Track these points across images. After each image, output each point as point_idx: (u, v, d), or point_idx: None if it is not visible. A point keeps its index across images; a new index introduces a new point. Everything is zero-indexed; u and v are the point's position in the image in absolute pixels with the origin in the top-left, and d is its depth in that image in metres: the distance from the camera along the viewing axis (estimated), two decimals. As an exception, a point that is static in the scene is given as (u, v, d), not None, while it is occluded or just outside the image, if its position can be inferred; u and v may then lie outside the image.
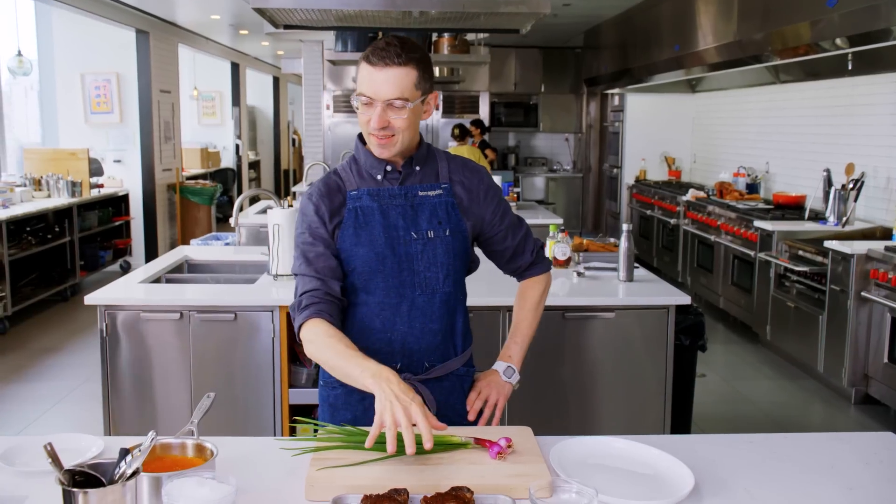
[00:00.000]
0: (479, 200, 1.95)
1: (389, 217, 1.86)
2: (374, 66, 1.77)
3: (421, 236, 1.86)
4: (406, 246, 1.86)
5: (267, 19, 3.81)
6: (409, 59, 1.77)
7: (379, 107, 1.77)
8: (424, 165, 1.92)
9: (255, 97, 15.34)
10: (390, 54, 1.76)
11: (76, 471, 1.27)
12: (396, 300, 1.87)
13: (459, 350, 1.97)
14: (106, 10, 7.97)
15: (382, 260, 1.85)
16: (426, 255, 1.87)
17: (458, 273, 1.93)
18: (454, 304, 1.93)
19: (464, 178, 1.95)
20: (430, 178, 1.92)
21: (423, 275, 1.87)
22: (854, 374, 4.73)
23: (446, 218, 1.89)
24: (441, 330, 1.91)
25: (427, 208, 1.88)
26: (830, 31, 4.69)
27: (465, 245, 1.92)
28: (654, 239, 8.69)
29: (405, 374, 1.88)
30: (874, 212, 5.60)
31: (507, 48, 11.05)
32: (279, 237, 3.43)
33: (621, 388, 3.37)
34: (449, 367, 1.94)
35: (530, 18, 3.79)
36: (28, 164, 7.94)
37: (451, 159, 1.98)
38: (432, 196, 1.90)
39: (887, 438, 1.84)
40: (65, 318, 6.79)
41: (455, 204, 1.91)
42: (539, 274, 2.11)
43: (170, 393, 3.28)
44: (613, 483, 1.56)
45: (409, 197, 1.89)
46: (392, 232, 1.85)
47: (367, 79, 1.78)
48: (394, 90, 1.76)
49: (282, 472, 1.61)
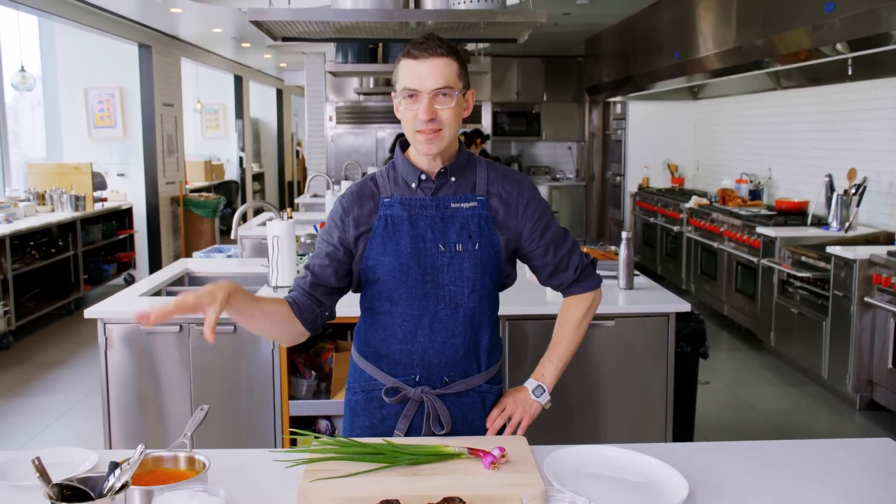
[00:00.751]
0: (516, 214, 1.90)
1: (418, 227, 1.84)
2: (418, 58, 1.77)
3: (449, 249, 1.84)
4: (432, 258, 1.84)
5: (265, 32, 3.83)
6: (450, 50, 1.80)
7: (426, 98, 1.77)
8: (461, 176, 1.89)
9: (259, 109, 15.39)
10: (432, 45, 1.78)
11: (65, 485, 1.27)
12: (419, 312, 1.85)
13: (484, 366, 1.93)
14: (108, 24, 8.02)
15: (406, 270, 1.83)
16: (452, 268, 1.84)
17: (486, 288, 1.89)
18: (479, 320, 1.89)
19: (502, 191, 1.90)
20: (465, 189, 1.88)
21: (447, 288, 1.85)
22: (858, 379, 4.71)
23: (477, 231, 1.86)
24: (464, 345, 1.88)
25: (458, 220, 1.85)
26: (831, 35, 4.69)
27: (495, 260, 1.88)
28: (657, 246, 8.68)
29: (423, 386, 1.87)
30: (877, 217, 5.58)
31: (508, 58, 11.07)
32: (279, 249, 3.43)
33: (623, 396, 3.35)
34: (470, 382, 1.91)
35: (527, 28, 3.80)
36: (32, 178, 7.97)
37: (492, 169, 1.93)
38: (465, 208, 1.86)
39: (886, 444, 1.82)
40: (69, 332, 6.80)
41: (489, 217, 1.87)
42: (584, 292, 2.03)
43: (170, 406, 3.28)
44: (607, 492, 1.55)
45: (441, 208, 1.86)
46: (419, 243, 1.83)
47: (412, 72, 1.78)
48: (439, 80, 1.77)
49: (275, 483, 1.60)
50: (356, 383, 1.96)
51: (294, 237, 3.49)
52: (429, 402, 1.87)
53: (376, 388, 1.92)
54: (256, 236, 5.28)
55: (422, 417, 1.88)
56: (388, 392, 1.89)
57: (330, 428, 3.44)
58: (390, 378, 1.89)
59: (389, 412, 1.91)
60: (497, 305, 1.97)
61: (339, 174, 9.21)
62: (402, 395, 1.89)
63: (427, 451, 1.63)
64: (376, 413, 1.92)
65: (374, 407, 1.93)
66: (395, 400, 1.89)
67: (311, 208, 7.57)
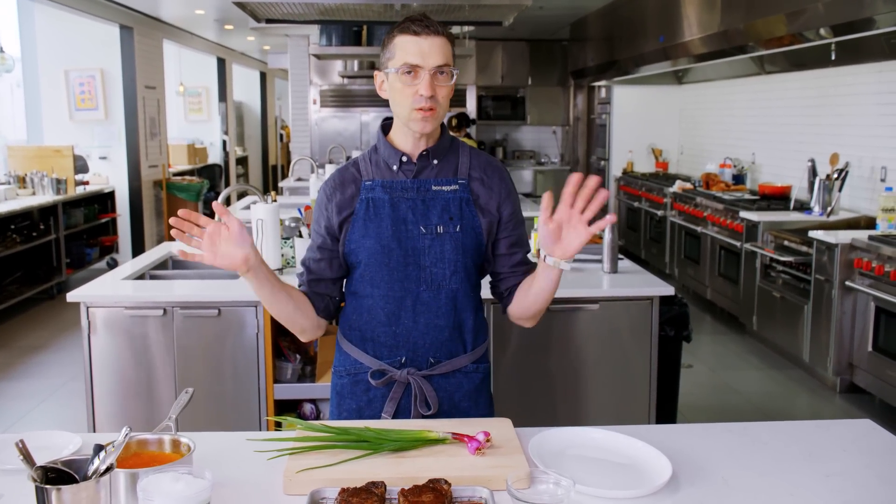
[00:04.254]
0: (497, 200, 1.90)
1: (399, 210, 1.85)
2: (419, 34, 1.77)
3: (430, 231, 1.84)
4: (413, 240, 1.84)
5: (248, 13, 3.79)
6: (445, 31, 1.80)
7: (427, 75, 1.76)
8: (443, 159, 1.90)
9: (242, 93, 15.27)
10: (432, 24, 1.78)
11: (49, 468, 1.27)
12: (401, 294, 1.86)
13: (469, 347, 1.93)
14: (89, 5, 7.92)
15: (388, 253, 1.84)
16: (433, 250, 1.85)
17: (468, 270, 1.89)
18: (462, 301, 1.89)
19: (484, 176, 1.91)
20: (447, 173, 1.89)
21: (429, 270, 1.85)
22: (839, 363, 4.76)
23: (458, 213, 1.86)
24: (447, 326, 1.89)
25: (439, 203, 1.86)
26: (814, 20, 4.70)
27: (476, 241, 1.88)
28: (641, 231, 8.71)
29: (408, 368, 1.88)
30: (858, 201, 5.62)
31: (493, 41, 11.03)
32: (263, 232, 3.42)
33: (607, 379, 3.37)
34: (455, 363, 1.91)
35: (513, 10, 3.79)
36: (12, 161, 7.89)
37: (474, 155, 1.94)
38: (447, 191, 1.87)
39: (866, 426, 1.85)
40: (51, 316, 6.75)
41: (470, 200, 1.88)
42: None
43: (154, 389, 3.27)
44: (591, 473, 1.56)
45: (422, 191, 1.86)
46: (400, 225, 1.84)
47: (413, 47, 1.77)
48: (440, 57, 1.77)
49: (260, 466, 1.60)
50: (342, 367, 1.97)
51: (278, 220, 3.48)
52: (415, 383, 1.88)
53: (362, 372, 1.92)
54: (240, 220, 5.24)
55: (408, 399, 1.89)
56: (374, 375, 1.90)
57: (315, 412, 3.44)
58: (375, 361, 1.90)
59: (376, 395, 1.92)
60: (479, 287, 1.98)
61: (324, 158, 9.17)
62: (389, 378, 1.89)
63: (411, 436, 1.63)
64: (363, 396, 1.93)
65: (360, 390, 1.93)
66: (381, 382, 1.90)
67: (295, 192, 7.53)
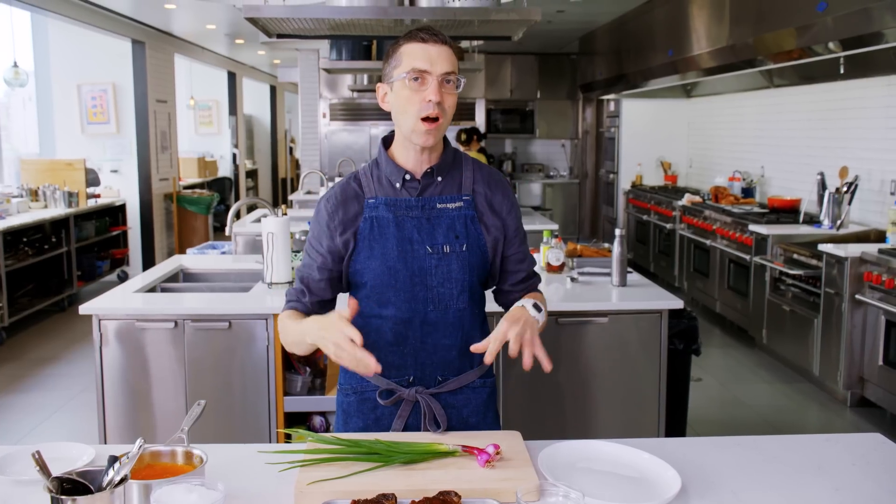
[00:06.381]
0: (501, 215, 1.89)
1: (404, 229, 1.82)
2: (427, 41, 1.76)
3: (436, 251, 1.82)
4: (419, 260, 1.82)
5: (260, 28, 3.82)
6: (450, 41, 1.80)
7: (435, 81, 1.75)
8: (447, 175, 1.87)
9: (252, 106, 15.36)
10: (438, 33, 1.78)
11: (65, 478, 1.28)
12: (408, 315, 1.84)
13: (476, 363, 1.92)
14: (102, 20, 8.00)
15: (394, 274, 1.81)
16: (440, 270, 1.82)
17: (474, 288, 1.88)
18: (470, 320, 1.88)
19: (488, 191, 1.89)
20: (451, 189, 1.86)
21: (436, 290, 1.83)
22: (849, 376, 4.74)
23: (464, 232, 1.84)
24: (455, 345, 1.87)
25: (445, 221, 1.83)
26: (823, 34, 4.71)
27: (483, 260, 1.86)
28: (650, 244, 8.70)
29: (416, 387, 1.87)
30: (868, 214, 5.62)
31: (502, 55, 11.09)
32: (273, 246, 3.44)
33: (616, 392, 3.38)
34: (463, 380, 1.90)
35: (522, 25, 3.81)
36: (25, 174, 7.95)
37: (477, 168, 1.92)
38: (451, 208, 1.84)
39: (876, 439, 1.85)
40: (62, 329, 6.79)
41: (475, 217, 1.86)
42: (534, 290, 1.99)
43: (165, 401, 3.28)
44: (601, 486, 1.56)
45: (427, 209, 1.83)
46: (406, 245, 1.81)
47: (421, 53, 1.75)
48: (449, 64, 1.77)
49: (271, 478, 1.61)
50: (348, 385, 1.94)
51: (289, 234, 3.50)
52: (424, 401, 1.85)
53: (369, 390, 1.90)
54: (250, 233, 5.28)
55: (416, 417, 1.87)
56: (383, 394, 1.88)
57: (324, 424, 3.45)
58: (383, 380, 1.88)
59: (384, 413, 1.90)
60: (484, 301, 1.97)
61: (333, 171, 9.21)
62: (397, 397, 1.87)
63: (422, 449, 1.64)
64: (370, 414, 1.91)
65: (367, 408, 1.91)
66: (389, 402, 1.88)
67: (304, 205, 7.57)
